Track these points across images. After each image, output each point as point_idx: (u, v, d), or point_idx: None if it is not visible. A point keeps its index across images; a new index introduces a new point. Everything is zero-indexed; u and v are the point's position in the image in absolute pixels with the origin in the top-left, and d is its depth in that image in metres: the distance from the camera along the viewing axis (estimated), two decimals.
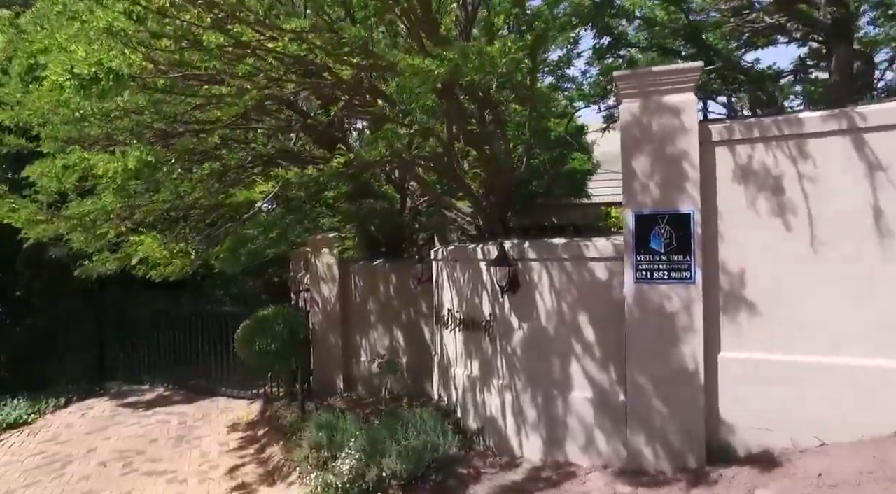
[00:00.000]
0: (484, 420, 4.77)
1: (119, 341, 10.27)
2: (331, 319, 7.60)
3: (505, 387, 4.58)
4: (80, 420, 8.12)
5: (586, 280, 4.16)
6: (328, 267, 7.58)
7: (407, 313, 7.35)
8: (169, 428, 7.43)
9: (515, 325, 4.51)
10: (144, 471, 6.02)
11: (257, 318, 7.29)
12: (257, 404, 8.04)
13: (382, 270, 7.46)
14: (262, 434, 6.73)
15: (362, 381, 7.55)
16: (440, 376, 5.64)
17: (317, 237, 7.69)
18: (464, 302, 5.08)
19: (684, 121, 3.68)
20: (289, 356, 7.37)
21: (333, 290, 7.56)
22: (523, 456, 4.42)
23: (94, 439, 7.20)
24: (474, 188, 5.10)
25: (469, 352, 5.00)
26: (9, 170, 5.07)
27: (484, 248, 4.77)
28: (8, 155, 5.31)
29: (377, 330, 7.51)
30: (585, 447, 4.12)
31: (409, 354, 7.26)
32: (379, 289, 7.49)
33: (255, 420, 7.38)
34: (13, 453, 6.91)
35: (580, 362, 4.18)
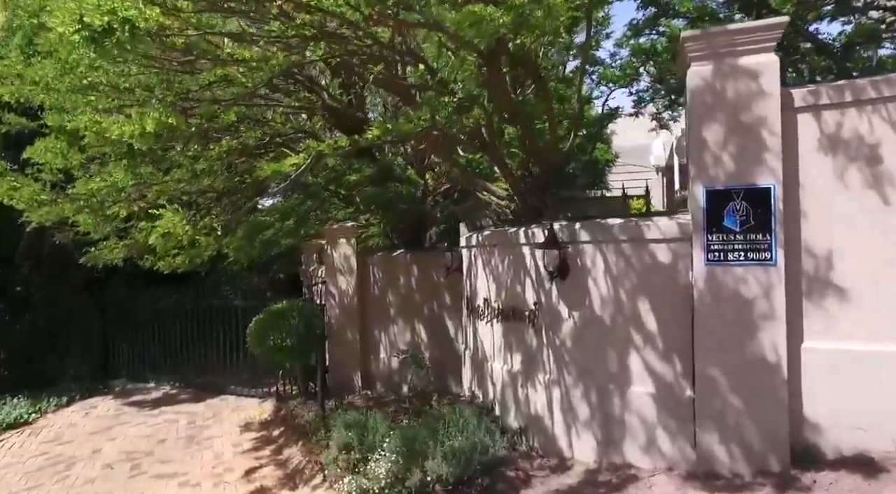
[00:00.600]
0: (527, 419, 4.39)
1: (123, 338, 9.86)
2: (348, 313, 7.21)
3: (552, 382, 4.19)
4: (84, 419, 7.72)
5: (647, 263, 3.78)
6: (345, 259, 7.20)
7: (429, 306, 6.97)
8: (177, 428, 7.04)
9: (564, 314, 4.13)
10: (154, 474, 5.63)
11: (271, 312, 6.90)
12: (269, 403, 7.65)
13: (403, 261, 7.08)
14: (278, 435, 6.34)
15: (381, 378, 7.17)
16: (473, 371, 5.25)
17: (333, 227, 7.31)
18: (503, 290, 4.70)
19: (763, 85, 3.30)
20: (305, 352, 6.99)
21: (351, 282, 7.18)
22: (574, 458, 4.04)
23: (98, 439, 6.81)
24: (512, 167, 4.72)
25: (509, 345, 4.61)
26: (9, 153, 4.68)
27: (528, 231, 4.39)
28: (8, 135, 4.91)
29: (397, 324, 7.13)
30: (646, 447, 3.74)
31: (432, 349, 6.88)
32: (399, 281, 7.11)
33: (268, 419, 6.99)
34: (14, 454, 6.51)
35: (640, 354, 3.80)
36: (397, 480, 3.64)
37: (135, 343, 9.72)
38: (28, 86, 4.43)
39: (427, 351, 6.89)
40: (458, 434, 3.81)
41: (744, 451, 3.37)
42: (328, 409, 6.16)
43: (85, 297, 10.06)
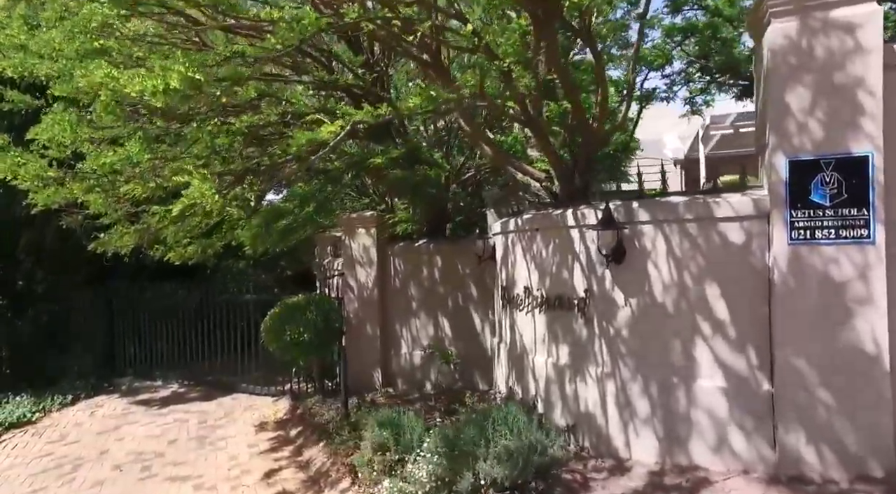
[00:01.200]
0: (576, 416, 4.03)
1: (128, 334, 9.52)
2: (367, 307, 6.85)
3: (606, 376, 3.83)
4: (90, 419, 7.37)
5: (716, 244, 3.42)
6: (364, 250, 6.84)
7: (454, 299, 6.61)
8: (188, 428, 6.68)
9: (620, 302, 3.77)
10: (166, 476, 5.27)
11: (287, 306, 6.55)
12: (284, 401, 7.29)
13: (426, 251, 6.72)
14: (296, 435, 5.98)
15: (403, 375, 6.81)
16: (510, 366, 4.89)
17: (351, 216, 6.95)
18: (546, 277, 4.34)
19: (861, 40, 2.94)
20: (323, 347, 6.64)
21: (371, 274, 6.82)
22: (632, 458, 3.67)
23: (106, 440, 6.45)
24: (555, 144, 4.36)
25: (554, 336, 4.25)
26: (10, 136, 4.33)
27: (576, 212, 4.03)
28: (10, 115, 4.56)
29: (419, 318, 6.77)
30: (716, 447, 3.38)
31: (457, 344, 6.52)
32: (422, 273, 6.75)
33: (284, 418, 6.63)
34: (17, 455, 6.16)
35: (708, 344, 3.44)
36: (443, 484, 3.28)
37: (141, 339, 9.38)
38: (32, 58, 4.09)
39: (452, 347, 6.53)
40: (507, 433, 3.44)
41: (837, 453, 3.01)
42: (350, 408, 5.80)
43: (89, 292, 9.71)
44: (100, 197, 3.84)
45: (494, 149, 4.77)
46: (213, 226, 6.27)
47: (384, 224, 6.91)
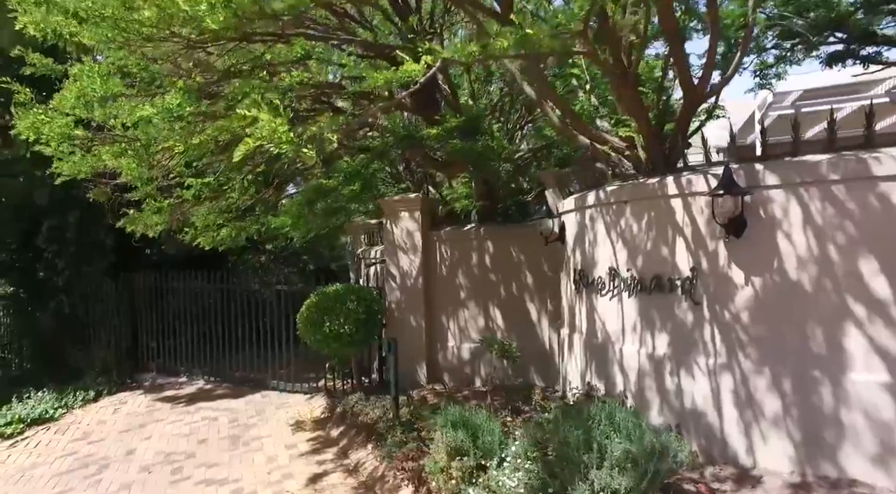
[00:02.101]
0: (679, 414, 3.45)
1: (151, 328, 9.11)
2: (411, 296, 6.32)
3: (721, 368, 3.25)
4: (114, 416, 6.94)
5: (873, 209, 2.83)
6: (408, 235, 6.31)
7: (507, 287, 6.06)
8: (219, 427, 6.21)
9: (740, 281, 3.19)
10: (199, 480, 4.78)
11: (325, 296, 6.05)
12: (319, 399, 6.79)
13: (476, 236, 6.17)
14: (339, 435, 5.46)
15: (449, 370, 6.26)
16: (588, 358, 4.32)
17: (394, 199, 6.43)
18: (638, 256, 3.77)
19: None
20: (366, 340, 6.14)
21: (415, 261, 6.29)
22: (757, 466, 3.09)
23: (132, 438, 6.00)
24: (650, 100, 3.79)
25: (649, 323, 3.68)
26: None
27: (680, 180, 3.45)
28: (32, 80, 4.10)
29: (468, 308, 6.23)
30: (880, 458, 2.78)
31: (510, 337, 5.94)
32: (471, 260, 6.20)
33: (323, 417, 6.12)
34: (39, 454, 5.74)
35: (862, 330, 2.84)
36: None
37: (164, 333, 8.97)
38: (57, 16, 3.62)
39: (505, 340, 5.96)
40: (615, 434, 2.88)
41: None
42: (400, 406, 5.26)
43: (111, 284, 9.33)
44: (133, 161, 3.37)
45: (569, 113, 4.21)
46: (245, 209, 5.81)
47: (429, 207, 6.38)
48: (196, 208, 5.05)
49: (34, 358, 9.62)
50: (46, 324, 9.10)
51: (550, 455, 3.03)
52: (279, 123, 2.02)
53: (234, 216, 5.47)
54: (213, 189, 4.06)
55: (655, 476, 2.52)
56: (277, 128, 2.01)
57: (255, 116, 2.08)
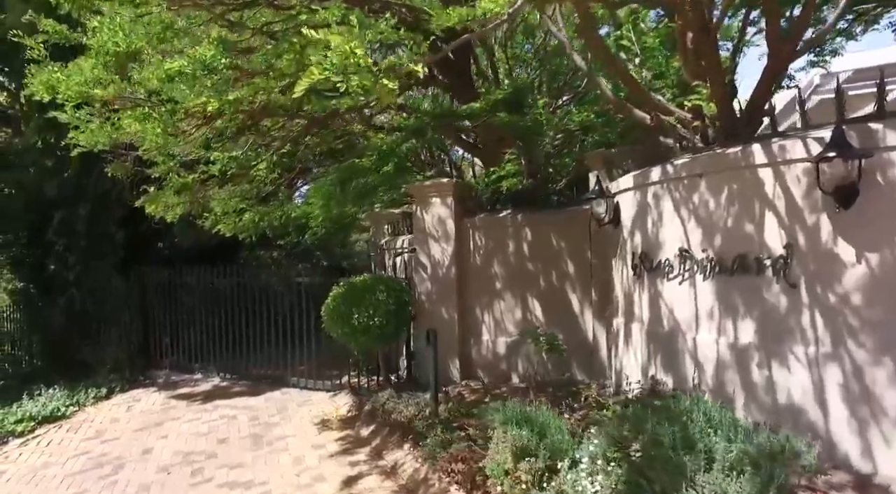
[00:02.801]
0: (769, 411, 3.05)
1: (164, 323, 8.79)
2: (443, 287, 5.94)
3: (825, 359, 2.85)
4: (127, 414, 6.61)
5: None
6: (440, 222, 5.93)
7: (547, 277, 5.67)
8: (239, 426, 5.85)
9: (849, 258, 2.79)
10: (222, 482, 4.42)
11: (352, 287, 5.69)
12: (343, 396, 6.42)
13: (513, 223, 5.79)
14: (370, 435, 5.08)
15: (484, 366, 5.87)
16: (652, 348, 3.92)
17: (424, 184, 6.06)
18: (716, 234, 3.37)
19: None
20: (396, 333, 5.77)
21: (447, 250, 5.91)
22: (878, 472, 2.68)
23: (147, 437, 5.66)
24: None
25: (731, 308, 3.28)
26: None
27: (771, 147, 3.06)
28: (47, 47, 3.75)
29: (504, 300, 5.84)
30: None
31: (551, 329, 5.55)
32: (507, 248, 5.82)
33: (350, 415, 5.74)
34: (52, 452, 5.41)
35: None
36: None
37: (178, 329, 8.64)
38: None
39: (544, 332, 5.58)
40: (712, 434, 2.49)
41: None
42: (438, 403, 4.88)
43: (123, 279, 9.02)
44: (157, 126, 3.02)
45: (630, 82, 3.81)
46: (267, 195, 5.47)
47: (462, 192, 5.99)
48: (218, 191, 4.70)
49: (44, 354, 9.33)
50: (56, 320, 8.80)
51: (634, 455, 2.65)
52: (355, 47, 1.65)
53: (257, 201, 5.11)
54: (241, 164, 3.71)
55: (781, 482, 2.12)
56: (354, 51, 1.64)
57: (324, 40, 1.71)
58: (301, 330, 7.02)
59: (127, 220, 9.37)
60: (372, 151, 4.40)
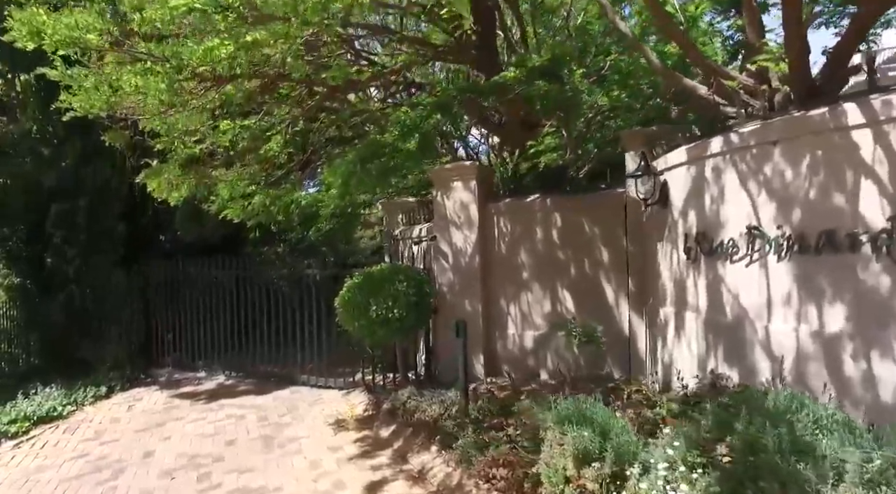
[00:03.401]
0: (872, 411, 2.64)
1: (166, 319, 8.40)
2: (466, 277, 5.54)
3: None
4: (128, 414, 6.22)
5: None
6: (462, 207, 5.53)
7: (578, 266, 5.26)
8: (247, 426, 5.46)
9: None
10: (232, 488, 4.03)
11: (370, 277, 5.29)
12: (358, 394, 6.02)
13: (541, 208, 5.38)
14: (391, 436, 4.68)
15: (510, 361, 5.47)
16: (711, 340, 3.52)
17: (446, 167, 5.67)
18: (795, 208, 2.97)
19: None
20: (416, 325, 5.38)
21: (470, 237, 5.51)
22: None
23: (149, 439, 5.27)
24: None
25: (814, 291, 2.88)
26: None
27: (871, 103, 2.65)
28: None
29: (532, 290, 5.43)
30: None
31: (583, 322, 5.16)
32: (535, 235, 5.41)
33: (367, 415, 5.34)
34: (47, 455, 5.02)
35: None
36: None
37: (181, 325, 8.25)
38: None
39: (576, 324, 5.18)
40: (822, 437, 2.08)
41: None
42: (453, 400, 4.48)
43: (123, 273, 8.63)
44: (160, 81, 2.62)
45: (689, 46, 3.41)
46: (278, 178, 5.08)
47: (486, 176, 5.59)
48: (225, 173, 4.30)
49: (42, 352, 8.94)
50: (55, 317, 8.40)
51: (720, 459, 2.24)
52: None
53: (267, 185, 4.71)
54: (253, 135, 3.31)
55: None
56: None
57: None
58: (310, 325, 6.63)
59: (128, 214, 8.99)
60: (394, 126, 4.00)
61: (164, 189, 4.18)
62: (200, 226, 8.12)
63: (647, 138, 4.57)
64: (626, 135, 4.88)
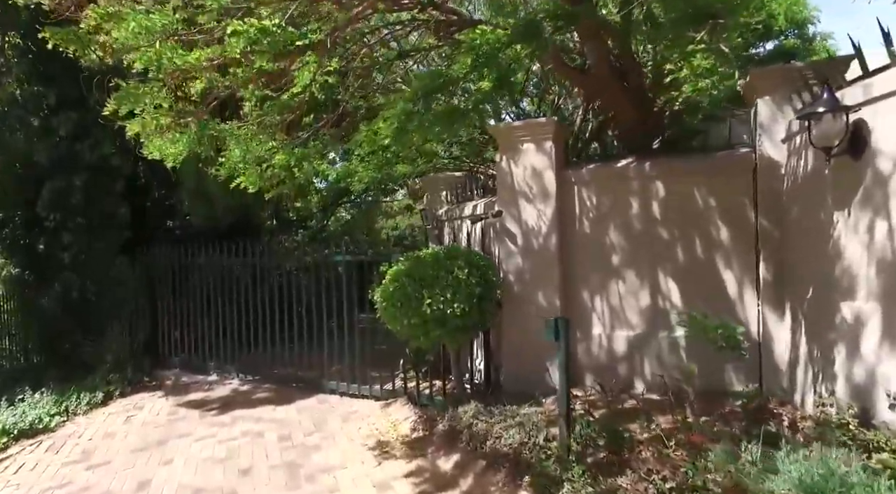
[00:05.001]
0: None
1: (175, 314, 7.41)
2: (540, 263, 4.40)
3: None
4: (125, 426, 5.22)
5: None
6: (534, 175, 4.39)
7: (687, 247, 4.10)
8: (266, 448, 4.41)
9: None
10: None
11: (419, 262, 4.18)
12: (399, 406, 4.94)
13: (637, 174, 4.21)
14: (455, 469, 3.57)
15: (594, 369, 4.33)
16: None
17: (513, 125, 4.55)
18: None
19: None
20: (480, 324, 4.25)
21: (545, 213, 4.36)
22: None
23: (146, 463, 4.25)
24: None
25: None
26: None
27: None
28: None
29: (624, 280, 4.28)
30: None
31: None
32: (629, 208, 4.25)
33: (416, 436, 4.24)
34: (21, 482, 4.06)
35: None
36: None
37: (191, 320, 7.24)
38: None
39: (680, 322, 4.03)
40: None
41: None
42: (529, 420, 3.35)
43: (126, 263, 7.64)
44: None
45: None
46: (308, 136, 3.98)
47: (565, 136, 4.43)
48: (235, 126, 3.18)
49: (37, 350, 8.04)
50: (50, 310, 7.46)
51: None
52: None
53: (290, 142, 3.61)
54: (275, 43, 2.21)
55: None
56: None
57: None
58: (338, 320, 5.57)
59: (131, 196, 8.01)
60: (465, 55, 2.88)
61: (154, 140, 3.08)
62: (210, 207, 7.08)
63: (783, 76, 3.39)
64: (758, 75, 3.68)
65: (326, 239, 13.97)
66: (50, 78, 7.07)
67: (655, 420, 3.44)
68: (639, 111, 4.21)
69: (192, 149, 3.26)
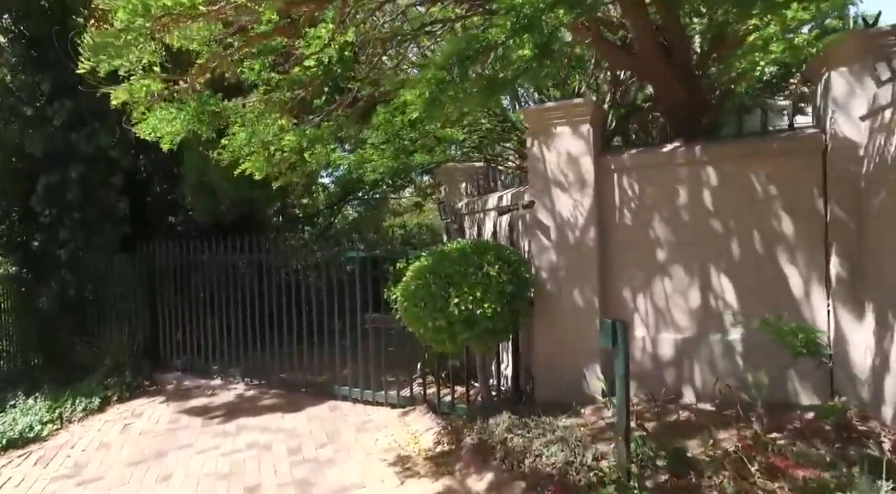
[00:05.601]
0: None
1: (177, 315, 7.02)
2: (576, 259, 3.98)
3: None
4: (122, 436, 4.83)
5: None
6: (570, 162, 3.96)
7: (744, 241, 3.67)
8: (275, 462, 4.01)
9: None
10: None
11: (444, 257, 3.76)
12: (419, 415, 4.54)
13: (686, 159, 3.78)
14: (492, 489, 3.15)
15: (637, 376, 3.88)
16: None
17: (545, 106, 4.12)
18: None
19: None
20: (512, 326, 3.83)
21: (582, 204, 3.94)
22: None
23: (143, 479, 3.87)
24: None
25: None
26: None
27: None
28: None
29: (670, 277, 3.85)
30: None
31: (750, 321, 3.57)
32: (676, 198, 3.82)
33: (441, 450, 3.83)
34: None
35: None
36: None
37: (194, 321, 6.85)
38: None
39: (737, 328, 3.60)
40: None
41: None
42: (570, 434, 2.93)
43: (125, 260, 7.27)
44: None
45: None
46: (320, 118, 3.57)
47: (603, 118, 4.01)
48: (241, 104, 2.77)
49: (34, 351, 7.68)
50: (48, 310, 7.10)
51: None
52: None
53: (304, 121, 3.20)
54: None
55: None
56: None
57: None
58: (351, 320, 5.18)
59: (131, 191, 7.64)
60: (504, 17, 2.47)
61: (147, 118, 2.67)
62: (213, 202, 6.69)
63: (870, 45, 2.95)
64: (835, 43, 3.25)
65: (334, 236, 13.64)
66: (44, 64, 6.71)
67: (717, 435, 3.03)
68: (686, 89, 3.78)
69: (191, 127, 2.87)
